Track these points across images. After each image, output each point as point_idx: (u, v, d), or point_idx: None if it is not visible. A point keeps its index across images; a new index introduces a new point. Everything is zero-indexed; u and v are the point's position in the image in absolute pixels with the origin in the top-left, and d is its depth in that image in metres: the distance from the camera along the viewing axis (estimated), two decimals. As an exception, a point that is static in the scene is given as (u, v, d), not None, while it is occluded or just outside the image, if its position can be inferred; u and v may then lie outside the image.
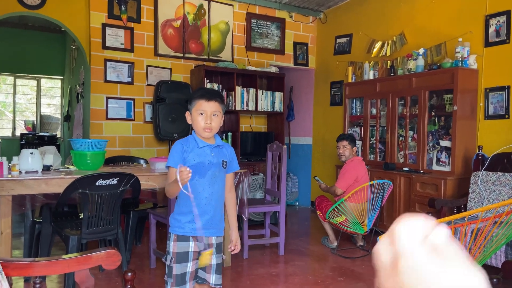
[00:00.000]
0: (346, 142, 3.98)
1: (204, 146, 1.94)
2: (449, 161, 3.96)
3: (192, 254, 1.92)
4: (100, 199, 2.70)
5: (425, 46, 4.36)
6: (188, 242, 1.92)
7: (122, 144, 4.79)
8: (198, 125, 1.91)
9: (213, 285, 1.97)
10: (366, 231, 3.74)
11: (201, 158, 1.92)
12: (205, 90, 1.97)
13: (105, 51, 4.68)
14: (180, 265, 1.90)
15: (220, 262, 2.01)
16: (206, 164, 1.92)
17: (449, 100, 3.94)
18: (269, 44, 5.75)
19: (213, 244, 1.97)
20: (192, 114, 1.94)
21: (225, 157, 2.01)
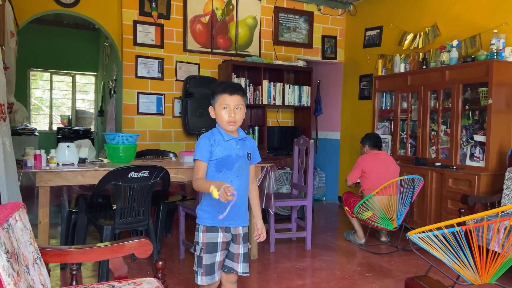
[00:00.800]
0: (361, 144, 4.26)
1: (230, 139, 1.98)
2: (483, 156, 3.84)
3: (221, 245, 1.98)
4: (132, 191, 2.80)
5: (459, 38, 4.23)
6: (217, 233, 1.98)
7: (152, 138, 4.91)
8: (223, 119, 1.95)
9: (240, 273, 2.02)
10: (395, 227, 3.69)
11: (228, 151, 1.97)
12: (227, 84, 2.00)
13: (136, 48, 4.80)
14: (209, 255, 1.96)
15: (247, 251, 2.06)
16: (233, 157, 1.97)
17: (484, 94, 3.81)
18: (297, 38, 5.72)
19: (240, 234, 2.03)
20: (215, 108, 1.98)
21: (249, 149, 2.06)
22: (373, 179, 3.84)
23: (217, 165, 1.96)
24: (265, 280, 3.01)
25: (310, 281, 3.03)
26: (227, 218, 1.89)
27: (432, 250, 2.27)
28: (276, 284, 2.95)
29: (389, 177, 3.76)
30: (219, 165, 1.96)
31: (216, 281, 2.00)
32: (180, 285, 2.90)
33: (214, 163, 1.97)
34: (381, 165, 3.91)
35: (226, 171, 1.96)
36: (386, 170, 3.89)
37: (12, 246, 1.29)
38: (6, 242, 1.25)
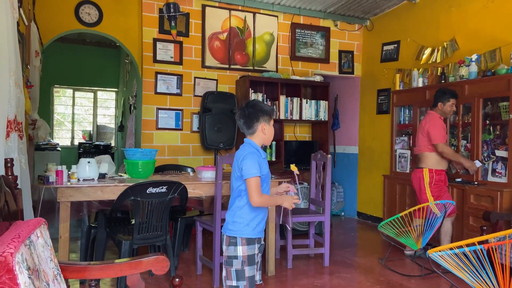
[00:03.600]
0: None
1: (265, 156, 2.16)
2: (505, 172, 3.74)
3: (257, 256, 2.08)
4: (150, 206, 2.83)
5: (478, 52, 4.18)
6: (254, 245, 2.07)
7: (170, 153, 4.97)
8: (272, 136, 2.14)
9: (258, 281, 2.11)
10: (419, 248, 3.59)
11: (267, 168, 2.14)
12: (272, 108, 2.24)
13: (156, 65, 4.90)
14: (251, 267, 2.02)
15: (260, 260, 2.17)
16: (268, 174, 2.14)
17: (505, 108, 3.73)
18: (314, 53, 5.75)
19: (262, 244, 2.14)
20: (270, 126, 2.13)
21: None
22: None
23: (263, 180, 2.08)
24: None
25: (328, 299, 2.98)
26: (261, 229, 2.09)
27: (453, 269, 2.22)
28: None
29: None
30: (263, 180, 2.09)
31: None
32: (197, 301, 2.90)
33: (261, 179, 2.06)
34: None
35: (266, 186, 2.12)
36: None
37: (34, 262, 1.33)
38: (28, 258, 1.28)
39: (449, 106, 3.83)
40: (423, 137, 3.88)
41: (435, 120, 3.84)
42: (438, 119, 3.84)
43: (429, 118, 3.89)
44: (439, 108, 3.87)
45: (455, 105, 3.87)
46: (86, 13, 4.72)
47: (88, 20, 4.74)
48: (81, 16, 4.70)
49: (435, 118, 3.85)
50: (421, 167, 3.89)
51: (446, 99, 3.83)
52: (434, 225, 3.52)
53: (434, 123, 3.82)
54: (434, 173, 3.80)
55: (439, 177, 3.82)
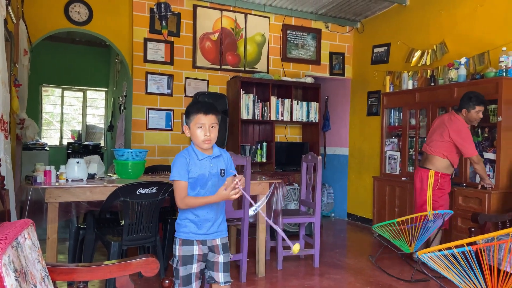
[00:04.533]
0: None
1: (204, 158, 2.04)
2: (493, 174, 3.79)
3: (197, 257, 2.04)
4: (140, 207, 2.81)
5: (467, 55, 4.23)
6: (192, 246, 2.04)
7: (161, 154, 4.94)
8: (198, 138, 2.01)
9: (222, 283, 2.07)
10: (412, 252, 3.58)
11: (201, 170, 2.03)
12: (201, 104, 2.06)
13: (146, 64, 4.87)
14: (185, 267, 2.03)
15: (227, 261, 2.12)
16: (206, 176, 2.03)
17: (493, 111, 3.78)
18: (305, 55, 5.77)
19: (219, 245, 2.09)
20: (190, 128, 2.03)
21: (222, 165, 2.10)
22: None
23: (192, 184, 2.02)
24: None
25: (318, 300, 2.99)
26: (204, 232, 2.03)
27: (442, 270, 2.23)
28: None
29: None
30: (193, 184, 2.02)
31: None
32: (187, 303, 2.87)
33: (189, 182, 2.02)
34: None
35: (200, 190, 2.03)
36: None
37: (21, 264, 1.30)
38: (15, 260, 1.26)
39: (474, 113, 3.54)
40: (442, 142, 3.66)
41: (463, 130, 3.59)
42: (466, 128, 3.60)
43: (456, 125, 3.62)
44: (463, 114, 3.60)
45: (482, 112, 3.57)
46: (76, 12, 4.67)
47: (78, 19, 4.69)
48: (71, 15, 4.65)
49: (463, 126, 3.60)
50: (428, 168, 3.73)
51: (472, 106, 3.54)
52: (430, 231, 3.52)
53: (463, 133, 3.58)
54: (440, 176, 3.68)
55: (443, 180, 3.70)
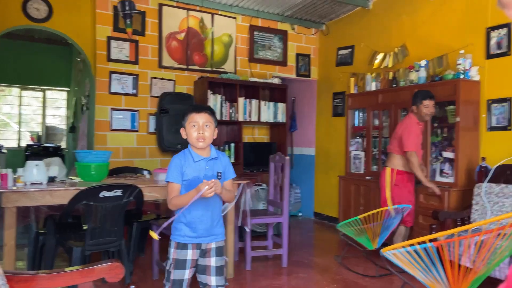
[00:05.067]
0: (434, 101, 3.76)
1: (199, 160, 2.04)
2: (452, 172, 3.95)
3: (190, 262, 2.03)
4: (104, 211, 2.72)
5: (427, 58, 4.39)
6: (186, 250, 2.03)
7: (126, 155, 4.82)
8: (192, 136, 2.01)
9: (214, 287, 2.04)
10: (375, 248, 3.68)
11: (196, 172, 2.02)
12: (195, 105, 2.12)
13: (110, 64, 4.74)
14: (178, 271, 2.01)
15: (222, 265, 2.08)
16: (201, 178, 1.99)
17: (452, 112, 3.95)
18: (272, 56, 5.80)
19: (212, 248, 2.06)
20: (186, 128, 2.05)
21: (219, 167, 2.09)
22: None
23: (187, 186, 2.01)
24: (241, 300, 2.96)
25: (286, 299, 3.01)
26: (199, 235, 2.01)
27: (405, 266, 2.30)
28: None
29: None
30: (188, 186, 2.01)
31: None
32: (154, 307, 2.82)
33: (184, 184, 2.02)
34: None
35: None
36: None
37: (-26, 274, 1.23)
38: (-33, 270, 1.18)
39: (423, 108, 3.67)
40: (395, 139, 3.83)
41: (410, 126, 3.73)
42: (414, 125, 3.73)
43: (405, 122, 3.80)
44: (414, 111, 3.75)
45: (432, 106, 3.69)
46: (34, 8, 4.48)
47: (37, 16, 4.50)
48: (29, 11, 4.45)
49: (411, 123, 3.74)
50: (386, 166, 3.91)
51: (419, 101, 3.70)
52: (390, 227, 3.63)
53: (409, 129, 3.72)
54: (396, 173, 3.80)
55: (401, 177, 3.79)
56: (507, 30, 3.76)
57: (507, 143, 3.75)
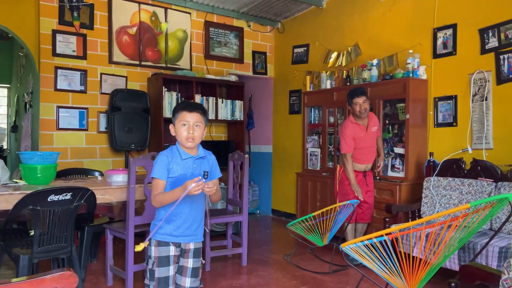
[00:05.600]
0: (365, 97, 3.80)
1: (187, 158, 2.03)
2: (403, 167, 4.12)
3: (173, 258, 2.03)
4: (52, 216, 2.55)
5: (378, 57, 4.54)
6: (168, 247, 2.02)
7: (74, 156, 4.57)
8: (182, 135, 2.00)
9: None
10: (325, 244, 3.74)
11: (183, 170, 2.01)
12: (187, 103, 2.09)
13: (55, 59, 4.46)
14: (162, 268, 2.01)
15: (197, 266, 2.08)
16: (188, 176, 1.99)
17: (402, 109, 4.11)
18: (228, 53, 5.75)
19: (191, 249, 2.06)
20: (175, 125, 2.03)
21: (206, 167, 2.09)
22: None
23: (172, 183, 2.00)
24: (201, 302, 2.90)
25: (247, 299, 2.99)
26: (179, 234, 2.01)
27: (363, 260, 2.35)
28: None
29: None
30: (174, 183, 1.99)
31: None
32: (109, 315, 2.69)
33: (170, 181, 2.01)
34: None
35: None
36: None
37: None
38: None
39: (354, 106, 3.78)
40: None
41: (344, 128, 3.86)
42: (348, 126, 3.84)
43: (343, 124, 3.95)
44: (351, 110, 3.88)
45: (364, 102, 3.75)
46: (-32, -3, 4.11)
47: (-28, 5, 4.14)
48: (-37, 0, 4.08)
49: (345, 125, 3.87)
50: (338, 163, 4.11)
51: (350, 101, 3.83)
52: (339, 222, 3.71)
53: (343, 132, 3.86)
54: (342, 171, 3.91)
55: (345, 175, 3.88)
56: (452, 31, 3.97)
57: (452, 139, 3.97)
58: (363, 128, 3.87)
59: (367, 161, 3.94)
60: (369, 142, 3.90)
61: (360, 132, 3.86)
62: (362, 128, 3.87)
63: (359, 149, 3.87)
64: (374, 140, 3.96)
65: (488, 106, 3.69)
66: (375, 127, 3.95)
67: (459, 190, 3.49)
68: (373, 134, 3.93)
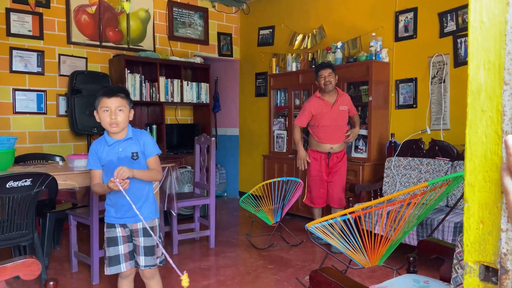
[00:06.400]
0: (330, 70, 3.72)
1: (113, 143, 2.06)
2: (366, 148, 4.24)
3: (121, 239, 2.12)
4: (11, 203, 2.46)
5: (342, 40, 4.60)
6: (115, 229, 2.13)
7: (33, 141, 4.39)
8: (105, 121, 2.02)
9: (142, 267, 2.12)
10: (273, 223, 3.83)
11: (110, 156, 2.06)
12: (107, 88, 2.08)
13: (10, 39, 4.22)
14: (112, 248, 2.12)
15: (151, 245, 2.13)
16: (114, 161, 2.05)
17: (365, 91, 4.21)
18: (193, 34, 5.64)
19: (139, 229, 2.12)
20: (98, 112, 2.04)
21: (135, 147, 2.07)
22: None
23: (105, 171, 2.09)
24: (169, 285, 2.91)
25: (215, 280, 3.03)
26: (122, 215, 2.09)
27: (328, 238, 2.43)
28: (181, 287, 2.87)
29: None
30: (105, 170, 2.09)
31: (124, 271, 2.12)
32: (75, 301, 2.65)
33: (103, 168, 2.10)
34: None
35: (111, 177, 1.94)
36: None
37: None
38: None
39: (319, 79, 3.74)
40: None
41: (307, 101, 3.89)
42: (310, 100, 3.84)
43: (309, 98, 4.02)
44: (317, 85, 3.84)
45: (329, 75, 3.69)
46: None
47: None
48: None
49: (309, 99, 3.89)
50: None
51: (316, 75, 3.79)
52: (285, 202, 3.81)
53: (304, 104, 3.91)
54: (309, 152, 3.94)
55: (312, 156, 3.91)
56: (413, 14, 4.07)
57: (412, 120, 4.12)
58: (328, 105, 3.75)
59: (331, 141, 3.79)
60: (334, 120, 3.76)
61: (324, 107, 3.75)
62: (327, 104, 3.75)
63: (322, 126, 3.77)
64: (341, 120, 3.79)
65: (446, 88, 3.85)
66: (345, 106, 3.80)
67: (418, 169, 3.65)
68: (340, 113, 3.77)
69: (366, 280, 2.93)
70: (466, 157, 0.62)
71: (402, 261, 2.95)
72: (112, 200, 2.11)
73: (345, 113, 3.82)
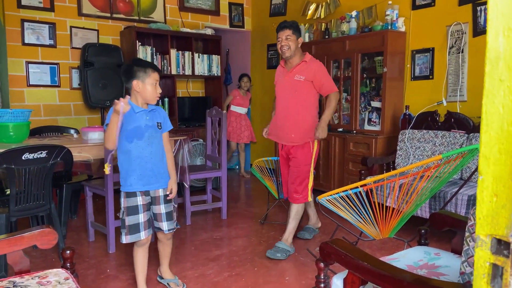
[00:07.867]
0: (289, 31, 2.85)
1: (140, 111, 2.18)
2: (379, 121, 4.18)
3: (142, 207, 2.21)
4: (28, 174, 2.52)
5: (357, 9, 4.46)
6: (136, 197, 2.20)
7: (48, 113, 4.44)
8: (151, 94, 2.16)
9: (166, 231, 2.28)
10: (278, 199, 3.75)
11: (137, 123, 2.16)
12: (152, 63, 2.22)
13: (21, 11, 4.21)
14: (131, 217, 2.19)
15: (170, 210, 2.30)
16: (143, 127, 2.17)
17: (380, 62, 4.11)
18: (203, 4, 5.53)
19: (160, 196, 2.26)
20: (144, 82, 2.14)
21: (158, 119, 2.26)
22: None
23: (128, 136, 2.14)
24: (182, 254, 2.98)
25: (227, 250, 3.09)
26: (145, 183, 2.18)
27: (339, 211, 2.44)
28: (194, 256, 2.95)
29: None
30: (130, 136, 2.14)
31: (143, 239, 2.21)
32: (92, 269, 2.75)
33: (125, 134, 2.14)
34: None
35: (137, 141, 2.15)
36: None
37: None
38: None
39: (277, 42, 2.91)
40: None
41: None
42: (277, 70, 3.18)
43: None
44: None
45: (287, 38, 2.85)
46: None
47: None
48: None
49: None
50: None
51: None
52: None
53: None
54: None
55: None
56: (431, -18, 3.90)
57: (428, 92, 4.02)
58: (285, 72, 2.96)
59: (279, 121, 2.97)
60: (285, 93, 2.90)
61: (279, 75, 3.01)
62: (284, 71, 2.97)
63: (277, 103, 3.01)
64: (295, 95, 2.88)
65: (464, 59, 3.73)
66: (301, 76, 2.85)
67: (433, 142, 3.60)
68: (294, 83, 2.86)
69: (376, 252, 2.96)
70: (482, 129, 0.60)
71: (413, 233, 2.96)
72: (137, 167, 2.16)
73: (300, 87, 2.86)
